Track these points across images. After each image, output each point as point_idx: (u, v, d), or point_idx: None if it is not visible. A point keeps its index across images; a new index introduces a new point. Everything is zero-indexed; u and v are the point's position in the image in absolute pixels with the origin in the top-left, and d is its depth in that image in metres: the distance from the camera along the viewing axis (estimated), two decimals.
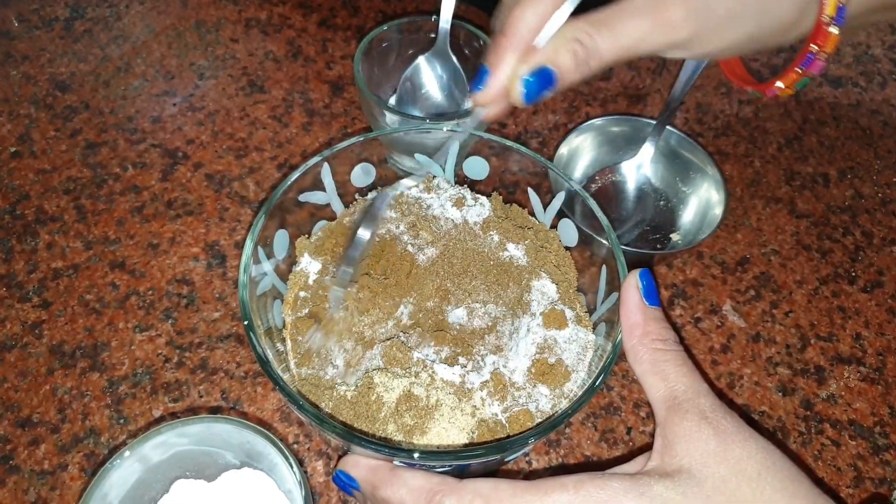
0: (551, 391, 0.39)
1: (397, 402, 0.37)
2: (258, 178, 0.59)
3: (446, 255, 0.43)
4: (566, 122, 0.66)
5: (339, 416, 0.37)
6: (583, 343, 0.40)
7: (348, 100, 0.66)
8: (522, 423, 0.37)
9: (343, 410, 0.37)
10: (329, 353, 0.40)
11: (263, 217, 0.42)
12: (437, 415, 0.37)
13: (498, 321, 0.41)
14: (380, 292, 0.41)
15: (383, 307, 0.41)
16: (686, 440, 0.32)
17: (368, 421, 0.37)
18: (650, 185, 0.59)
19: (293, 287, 0.43)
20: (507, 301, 0.42)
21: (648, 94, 0.70)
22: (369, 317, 0.41)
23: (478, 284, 0.42)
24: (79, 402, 0.46)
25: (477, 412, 0.37)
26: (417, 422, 0.36)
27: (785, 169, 0.64)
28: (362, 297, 0.41)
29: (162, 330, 0.50)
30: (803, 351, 0.52)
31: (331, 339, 0.40)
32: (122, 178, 0.58)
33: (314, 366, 0.40)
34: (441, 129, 0.47)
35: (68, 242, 0.54)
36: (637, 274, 0.37)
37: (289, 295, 0.43)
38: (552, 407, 0.38)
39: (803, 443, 0.48)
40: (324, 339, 0.40)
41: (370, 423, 0.37)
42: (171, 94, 0.65)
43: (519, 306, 0.42)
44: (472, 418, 0.37)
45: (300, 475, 0.36)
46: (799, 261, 0.58)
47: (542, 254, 0.44)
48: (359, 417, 0.37)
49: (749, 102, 0.69)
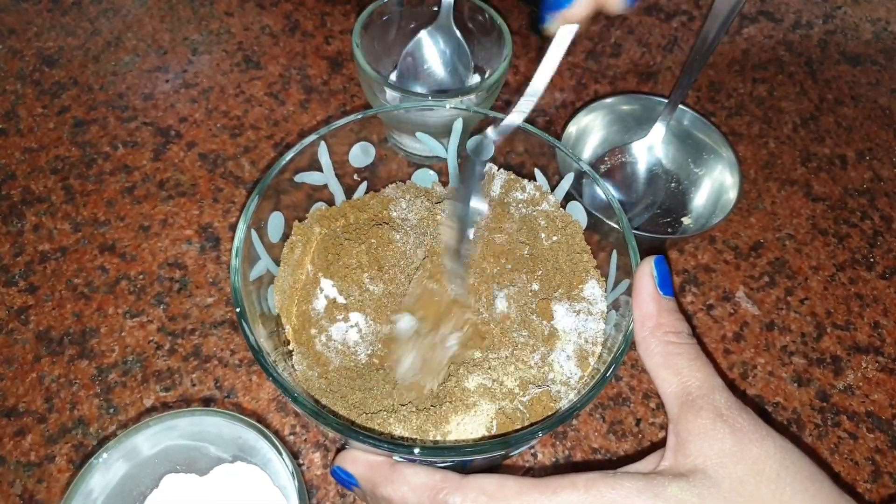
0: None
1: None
2: (253, 158, 0.57)
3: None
4: (574, 100, 0.63)
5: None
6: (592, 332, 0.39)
7: (347, 76, 0.63)
8: (545, 404, 0.36)
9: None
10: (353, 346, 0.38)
11: (257, 198, 0.40)
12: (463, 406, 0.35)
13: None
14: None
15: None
16: (701, 438, 0.30)
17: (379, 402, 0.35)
18: (661, 166, 0.56)
19: (286, 266, 0.41)
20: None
21: (659, 71, 0.67)
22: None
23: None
24: (66, 391, 0.45)
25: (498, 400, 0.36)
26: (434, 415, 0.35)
27: (801, 150, 0.62)
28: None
29: (153, 316, 0.48)
30: (819, 340, 0.51)
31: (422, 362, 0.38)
32: (113, 157, 0.56)
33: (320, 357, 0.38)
34: (444, 107, 0.45)
35: (56, 224, 0.52)
36: (652, 261, 0.35)
37: (281, 280, 0.41)
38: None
39: (819, 436, 0.46)
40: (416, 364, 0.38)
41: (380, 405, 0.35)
42: (164, 70, 0.62)
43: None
44: (493, 405, 0.35)
45: (294, 470, 0.34)
46: (815, 246, 0.56)
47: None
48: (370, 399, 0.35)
49: (764, 81, 0.67)
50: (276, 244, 0.42)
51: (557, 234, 0.43)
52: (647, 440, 0.45)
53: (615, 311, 0.40)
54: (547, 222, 0.43)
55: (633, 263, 0.38)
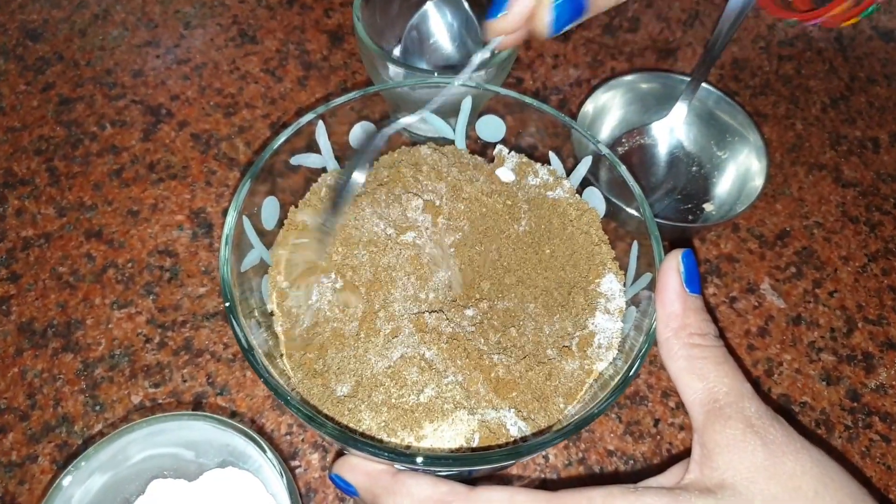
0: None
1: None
2: (249, 138, 0.54)
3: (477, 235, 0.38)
4: (589, 78, 0.60)
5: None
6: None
7: (348, 51, 0.60)
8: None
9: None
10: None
11: (249, 182, 0.37)
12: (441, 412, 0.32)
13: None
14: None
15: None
16: (729, 451, 0.28)
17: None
18: (682, 149, 0.53)
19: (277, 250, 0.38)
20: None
21: (679, 47, 0.63)
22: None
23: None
24: (50, 387, 0.42)
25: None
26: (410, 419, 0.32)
27: (830, 132, 0.58)
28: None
29: (142, 307, 0.45)
30: (849, 335, 0.48)
31: (308, 291, 0.36)
32: (100, 137, 0.53)
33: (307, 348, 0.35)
34: (451, 84, 0.42)
35: (39, 208, 0.49)
36: (679, 255, 0.32)
37: (274, 271, 0.38)
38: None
39: (849, 438, 0.43)
40: (303, 295, 0.36)
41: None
42: (154, 45, 0.59)
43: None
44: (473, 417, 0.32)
45: (287, 479, 0.31)
46: (845, 234, 0.52)
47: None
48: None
49: (791, 58, 0.63)
50: (270, 231, 0.39)
51: (573, 223, 0.39)
52: (667, 442, 0.42)
53: (635, 307, 0.37)
54: (562, 210, 0.40)
55: (656, 255, 0.35)
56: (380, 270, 0.35)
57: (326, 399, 0.33)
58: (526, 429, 0.33)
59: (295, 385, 0.34)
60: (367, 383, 0.33)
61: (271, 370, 0.32)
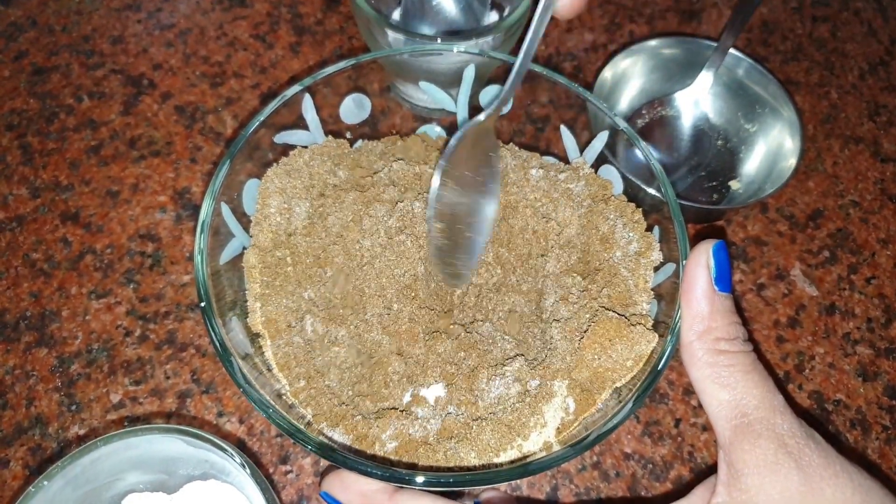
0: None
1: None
2: (237, 111, 0.50)
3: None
4: (605, 42, 0.55)
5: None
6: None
7: (345, 14, 0.55)
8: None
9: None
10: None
11: (227, 163, 0.33)
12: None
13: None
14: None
15: None
16: (759, 472, 0.26)
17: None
18: (707, 121, 0.49)
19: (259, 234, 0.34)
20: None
21: (703, 9, 0.58)
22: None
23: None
24: (22, 385, 0.39)
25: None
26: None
27: (868, 101, 0.54)
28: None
29: (122, 296, 0.42)
30: (888, 326, 0.44)
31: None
32: (76, 110, 0.49)
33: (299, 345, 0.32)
34: (452, 51, 0.38)
35: (11, 189, 0.46)
36: (710, 248, 0.29)
37: (251, 255, 0.34)
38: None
39: (887, 440, 0.40)
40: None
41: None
42: (135, 9, 0.55)
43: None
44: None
45: (269, 500, 0.28)
46: (883, 215, 0.48)
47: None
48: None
49: (825, 20, 0.58)
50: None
51: (585, 204, 0.35)
52: (688, 444, 0.39)
53: (656, 301, 0.33)
54: (575, 190, 0.36)
55: (681, 244, 0.31)
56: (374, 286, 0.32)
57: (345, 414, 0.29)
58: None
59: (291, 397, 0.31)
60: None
61: (251, 379, 0.29)
